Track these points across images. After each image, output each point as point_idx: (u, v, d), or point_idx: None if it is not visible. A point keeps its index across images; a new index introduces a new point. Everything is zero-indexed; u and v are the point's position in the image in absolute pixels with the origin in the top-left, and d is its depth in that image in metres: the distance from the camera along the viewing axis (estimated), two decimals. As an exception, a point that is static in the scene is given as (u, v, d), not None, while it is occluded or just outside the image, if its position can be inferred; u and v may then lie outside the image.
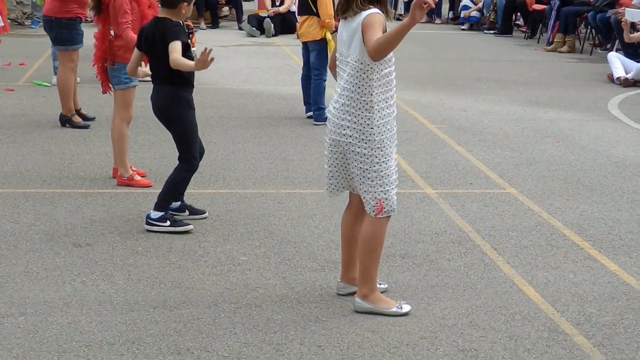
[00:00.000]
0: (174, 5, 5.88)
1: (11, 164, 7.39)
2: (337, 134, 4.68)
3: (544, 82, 12.55)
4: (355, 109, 4.60)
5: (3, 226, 5.92)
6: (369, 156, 4.61)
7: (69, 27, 8.61)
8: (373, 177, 4.64)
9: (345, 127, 4.63)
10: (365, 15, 4.51)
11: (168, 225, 5.92)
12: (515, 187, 7.25)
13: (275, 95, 10.80)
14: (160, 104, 5.94)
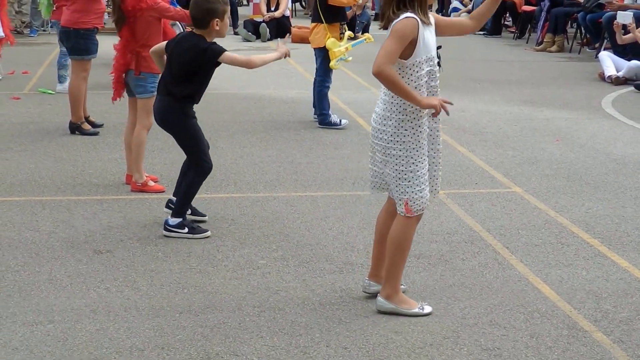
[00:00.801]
0: (204, 24, 5.87)
1: (25, 172, 7.49)
2: (375, 137, 4.82)
3: (537, 81, 12.71)
4: (390, 112, 4.72)
5: (23, 234, 6.01)
6: (399, 157, 4.73)
7: (85, 38, 8.71)
8: (410, 177, 4.75)
9: (382, 130, 4.76)
10: (395, 22, 4.60)
11: (186, 231, 6.02)
12: (520, 186, 7.39)
13: (277, 99, 10.91)
14: (161, 114, 6.08)
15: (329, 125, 9.31)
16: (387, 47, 4.57)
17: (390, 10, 4.65)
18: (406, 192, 4.78)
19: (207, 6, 5.83)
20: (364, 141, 8.83)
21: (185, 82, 5.93)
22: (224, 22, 5.91)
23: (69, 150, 8.25)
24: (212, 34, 5.90)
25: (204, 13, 5.83)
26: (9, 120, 9.44)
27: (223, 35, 6.01)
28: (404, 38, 4.58)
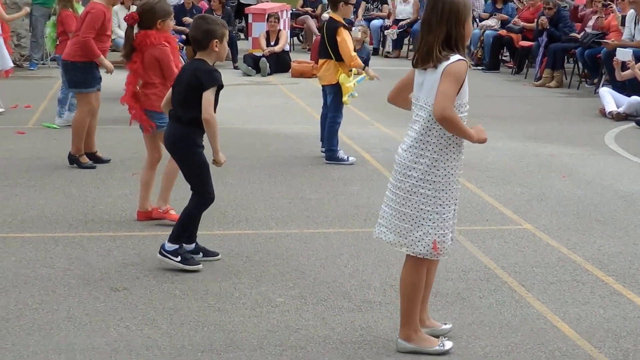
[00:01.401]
0: (203, 45, 5.99)
1: (35, 208, 7.48)
2: (403, 175, 4.78)
3: (539, 117, 12.78)
4: (425, 151, 4.71)
5: (38, 271, 6.00)
6: (432, 197, 4.74)
7: (83, 71, 8.75)
8: (434, 218, 4.76)
9: (412, 168, 4.73)
10: (447, 65, 4.61)
11: (179, 260, 6.05)
12: (530, 223, 7.41)
13: (281, 134, 10.94)
14: (170, 140, 6.14)
15: (337, 160, 9.33)
16: (446, 91, 4.58)
17: (437, 50, 4.64)
18: (430, 233, 4.77)
19: (206, 27, 5.98)
20: (372, 177, 8.87)
21: (190, 105, 5.99)
22: (223, 44, 6.04)
23: (78, 185, 8.24)
24: (212, 55, 6.03)
25: (203, 34, 5.97)
26: (16, 155, 9.44)
27: (222, 58, 6.21)
28: (459, 81, 4.62)
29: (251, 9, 18.84)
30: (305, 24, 20.92)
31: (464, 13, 4.69)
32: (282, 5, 19.21)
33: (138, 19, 6.85)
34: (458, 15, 4.67)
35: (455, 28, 4.65)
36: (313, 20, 20.84)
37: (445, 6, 4.65)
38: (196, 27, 6.02)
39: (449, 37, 4.64)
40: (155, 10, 6.89)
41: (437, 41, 4.63)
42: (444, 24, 4.64)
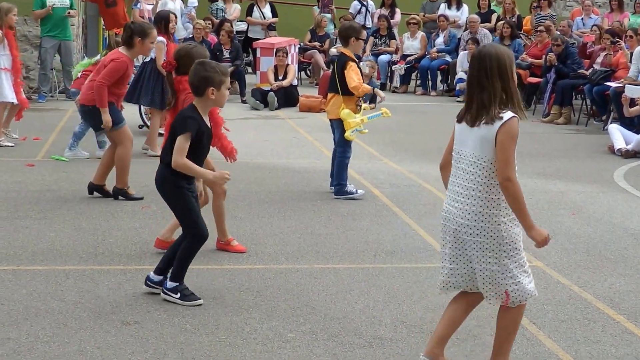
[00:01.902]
0: (199, 92, 5.99)
1: (46, 241, 7.49)
2: (464, 233, 4.78)
3: (547, 153, 12.78)
4: (483, 207, 4.71)
5: (49, 304, 6.00)
6: (497, 251, 4.74)
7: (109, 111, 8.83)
8: (503, 270, 4.78)
9: (472, 226, 4.73)
10: (503, 123, 4.63)
11: (178, 297, 6.07)
12: (541, 260, 7.40)
13: (290, 168, 10.96)
14: (157, 181, 6.20)
15: (345, 194, 9.34)
16: (509, 159, 4.63)
17: (494, 108, 4.65)
18: (507, 284, 4.79)
19: (203, 74, 5.97)
20: (382, 213, 8.87)
21: (172, 148, 6.00)
22: (221, 92, 6.00)
23: (88, 218, 8.25)
24: (208, 102, 6.02)
25: (200, 80, 5.96)
26: (25, 187, 9.46)
27: (221, 105, 6.18)
28: (515, 139, 4.68)
29: (259, 43, 18.91)
30: (313, 58, 21.00)
31: (511, 67, 4.74)
32: (290, 40, 19.29)
33: (175, 64, 6.85)
34: (507, 70, 4.72)
35: (509, 83, 4.69)
36: (321, 55, 20.92)
37: (494, 63, 4.69)
38: (194, 73, 6.00)
39: (505, 92, 4.67)
40: (192, 54, 6.84)
41: (494, 99, 4.65)
42: (497, 80, 4.67)
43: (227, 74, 6.09)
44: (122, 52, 8.90)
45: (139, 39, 8.81)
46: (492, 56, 4.69)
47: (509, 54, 4.77)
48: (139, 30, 8.86)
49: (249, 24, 20.95)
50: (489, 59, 4.68)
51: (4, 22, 11.91)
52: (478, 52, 4.78)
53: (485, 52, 4.74)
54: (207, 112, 6.11)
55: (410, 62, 20.11)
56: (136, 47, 8.87)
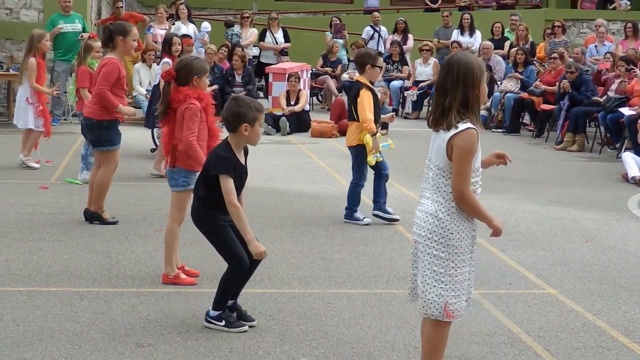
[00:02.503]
0: (233, 128, 5.95)
1: (60, 263, 7.51)
2: (419, 236, 4.85)
3: (560, 181, 12.77)
4: (438, 212, 4.76)
5: (64, 325, 6.01)
6: (445, 259, 4.75)
7: (109, 129, 8.81)
8: (447, 280, 4.77)
9: (426, 229, 4.78)
10: (454, 134, 4.66)
11: (223, 324, 6.03)
12: (554, 288, 7.38)
13: (302, 193, 10.97)
14: (195, 216, 6.18)
15: (352, 220, 9.35)
16: (461, 171, 4.65)
17: (453, 113, 4.69)
18: (442, 295, 4.79)
19: (237, 110, 5.91)
20: (394, 238, 8.87)
21: (207, 186, 6.02)
22: (255, 129, 5.93)
23: (101, 241, 8.27)
24: (242, 139, 5.96)
25: (233, 116, 5.90)
26: (39, 210, 9.50)
27: (254, 143, 6.06)
28: (471, 154, 4.68)
29: (272, 69, 18.98)
30: (324, 84, 21.06)
31: (479, 75, 4.75)
32: (303, 65, 19.36)
33: (175, 75, 6.88)
34: (473, 78, 4.73)
35: (471, 90, 4.71)
36: (333, 81, 20.99)
37: (461, 69, 4.71)
38: (227, 109, 5.95)
39: (465, 99, 4.70)
40: (192, 66, 6.90)
41: (453, 104, 4.69)
42: (460, 86, 4.70)
43: (261, 110, 6.00)
44: (108, 56, 8.78)
45: (121, 37, 8.63)
46: (460, 63, 4.72)
47: (479, 63, 4.79)
48: (119, 29, 8.71)
49: (261, 49, 21.05)
50: (457, 65, 4.71)
51: (38, 49, 11.92)
52: (449, 59, 4.83)
53: (455, 59, 4.77)
54: (241, 148, 6.04)
55: (423, 88, 20.16)
56: (119, 46, 8.68)
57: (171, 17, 19.41)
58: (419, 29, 23.31)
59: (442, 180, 4.77)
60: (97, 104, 8.82)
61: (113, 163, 8.89)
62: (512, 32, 21.04)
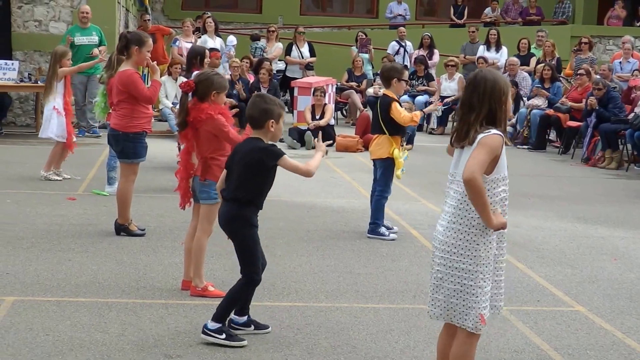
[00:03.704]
0: (259, 124, 6.00)
1: (88, 274, 7.54)
2: (443, 251, 4.83)
3: (588, 197, 12.71)
4: (463, 226, 4.77)
5: (93, 335, 6.03)
6: (473, 272, 4.75)
7: (135, 141, 8.85)
8: (477, 292, 4.77)
9: (451, 244, 4.79)
10: (482, 136, 4.70)
11: (223, 337, 5.99)
12: (583, 305, 7.34)
13: (328, 208, 10.98)
14: (226, 219, 6.12)
15: (378, 235, 9.32)
16: (478, 157, 4.64)
17: (475, 128, 4.72)
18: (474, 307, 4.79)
19: (264, 106, 5.99)
20: (420, 253, 8.85)
21: (246, 186, 6.01)
22: (279, 125, 6.03)
23: (129, 253, 8.30)
24: (268, 135, 6.01)
25: (260, 113, 5.97)
26: (67, 221, 9.54)
27: (276, 138, 6.13)
28: (492, 152, 4.69)
29: (297, 83, 19.01)
30: (349, 98, 21.10)
31: (505, 91, 4.79)
32: (328, 79, 19.38)
33: (194, 87, 6.92)
34: (500, 94, 4.76)
35: (497, 106, 4.74)
36: (358, 95, 21.02)
37: (487, 85, 4.74)
38: (254, 106, 6.01)
39: (491, 115, 4.73)
40: (213, 81, 6.92)
41: (477, 119, 4.72)
42: (486, 102, 4.73)
43: (284, 107, 6.13)
44: (125, 68, 8.77)
45: (136, 47, 8.65)
46: (487, 79, 4.76)
47: (505, 80, 4.84)
48: (135, 38, 8.75)
49: (287, 63, 21.11)
50: (483, 81, 4.75)
51: (61, 66, 11.97)
52: (474, 75, 4.84)
53: (481, 76, 4.80)
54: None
55: (448, 103, 20.15)
56: (133, 56, 8.69)
57: (197, 31, 19.49)
58: (445, 44, 23.32)
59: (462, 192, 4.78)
60: (124, 116, 8.83)
61: (133, 174, 8.91)
62: (539, 48, 21.01)
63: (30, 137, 16.62)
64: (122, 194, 8.92)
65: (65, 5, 17.82)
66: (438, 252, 4.89)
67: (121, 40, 8.85)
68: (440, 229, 4.89)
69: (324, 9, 30.05)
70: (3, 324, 6.18)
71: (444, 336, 5.13)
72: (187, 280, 7.21)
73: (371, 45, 22.22)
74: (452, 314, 4.89)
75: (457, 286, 4.81)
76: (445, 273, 4.84)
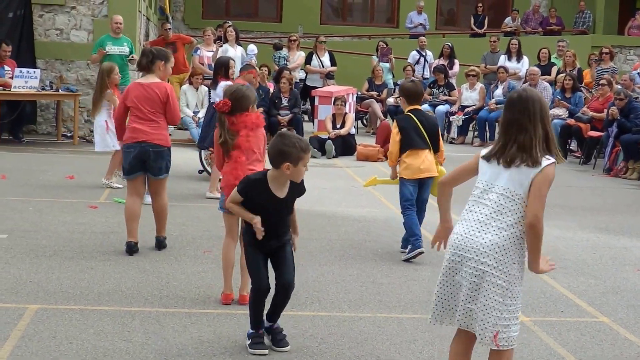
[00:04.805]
0: (275, 164, 5.89)
1: (111, 282, 7.55)
2: (477, 262, 4.74)
3: (609, 208, 12.65)
4: (511, 244, 4.71)
5: (116, 344, 6.03)
6: (510, 290, 4.71)
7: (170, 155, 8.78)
8: (514, 310, 4.74)
9: (493, 257, 4.70)
10: (546, 167, 4.65)
11: (248, 343, 6.05)
12: (607, 316, 7.30)
13: (349, 217, 10.96)
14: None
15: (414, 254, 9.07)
16: (542, 198, 4.64)
17: (537, 150, 4.66)
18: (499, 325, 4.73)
19: (281, 148, 5.83)
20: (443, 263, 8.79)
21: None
22: (298, 168, 5.84)
23: (152, 261, 8.31)
24: (283, 176, 5.90)
25: (276, 154, 5.84)
26: (90, 229, 9.57)
27: (297, 180, 5.99)
28: (551, 183, 4.70)
29: (318, 92, 19.05)
30: (370, 107, 21.10)
31: (548, 112, 4.80)
32: (349, 89, 19.41)
33: (231, 105, 6.88)
34: (548, 114, 4.77)
35: (548, 126, 4.73)
36: (378, 105, 21.02)
37: (537, 106, 4.71)
38: (272, 145, 5.89)
39: (546, 135, 4.70)
40: (248, 96, 6.91)
41: (536, 141, 4.66)
42: (539, 124, 4.69)
43: (306, 150, 5.87)
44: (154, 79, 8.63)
45: (162, 62, 8.59)
46: (535, 100, 4.72)
47: (545, 100, 4.83)
48: (162, 54, 8.69)
49: (307, 72, 21.13)
50: (532, 102, 4.71)
51: (110, 82, 11.99)
52: (518, 94, 4.79)
53: (527, 96, 4.76)
54: (282, 183, 5.96)
55: (468, 113, 20.13)
56: (159, 71, 8.62)
57: (218, 40, 19.55)
58: (465, 54, 23.32)
59: (514, 207, 4.71)
60: (163, 130, 8.65)
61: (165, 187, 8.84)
62: (559, 58, 20.95)
63: (51, 145, 16.70)
64: (167, 208, 8.78)
65: (87, 13, 17.90)
66: (471, 262, 4.76)
67: (147, 55, 8.75)
68: (480, 247, 4.72)
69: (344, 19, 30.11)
70: (27, 332, 6.19)
71: (462, 347, 5.04)
72: (227, 293, 7.16)
73: (392, 54, 22.23)
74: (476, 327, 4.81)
75: (496, 304, 4.71)
76: (486, 289, 4.73)
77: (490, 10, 29.13)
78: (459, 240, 4.84)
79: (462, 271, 4.82)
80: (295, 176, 5.92)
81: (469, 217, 4.85)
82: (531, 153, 4.66)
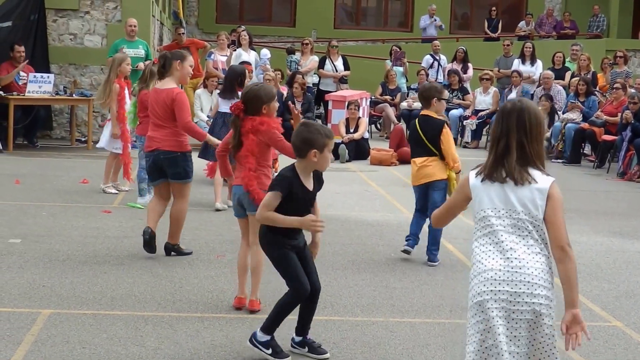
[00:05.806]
0: (301, 153, 5.87)
1: (124, 287, 7.57)
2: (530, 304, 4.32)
3: (623, 212, 12.61)
4: (544, 273, 4.35)
5: (130, 349, 6.05)
6: (554, 327, 4.45)
7: (190, 159, 8.70)
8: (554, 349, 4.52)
9: (547, 288, 4.35)
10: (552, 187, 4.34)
11: (270, 353, 5.95)
12: (620, 320, 7.27)
13: (362, 221, 10.96)
14: (261, 239, 6.14)
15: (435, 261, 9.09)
16: (562, 220, 4.27)
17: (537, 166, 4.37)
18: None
19: (306, 135, 5.81)
20: (456, 267, 8.81)
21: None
22: (324, 155, 5.83)
23: (165, 266, 8.33)
24: (310, 164, 5.87)
25: (303, 142, 5.82)
26: (103, 233, 9.60)
27: (322, 168, 5.96)
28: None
29: (331, 96, 19.05)
30: (383, 112, 21.09)
31: (544, 126, 4.48)
32: (362, 93, 19.41)
33: (243, 107, 6.85)
34: (544, 127, 4.54)
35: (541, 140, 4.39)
36: (392, 109, 21.01)
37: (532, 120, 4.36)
38: (296, 134, 5.87)
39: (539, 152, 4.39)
40: (261, 96, 6.83)
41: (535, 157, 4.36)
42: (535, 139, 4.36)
43: (330, 136, 5.88)
44: (169, 86, 8.56)
45: (179, 61, 8.52)
46: (530, 112, 4.35)
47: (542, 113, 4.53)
48: (177, 54, 8.67)
49: (321, 76, 21.14)
50: (527, 114, 4.34)
51: (118, 72, 11.92)
52: (512, 105, 4.40)
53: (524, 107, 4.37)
54: (309, 173, 5.94)
55: (482, 117, 20.09)
56: (176, 71, 8.54)
57: (232, 44, 19.58)
58: (479, 58, 23.31)
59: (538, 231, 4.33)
60: (178, 135, 8.58)
61: (188, 195, 8.77)
62: (574, 62, 20.90)
63: (65, 149, 16.77)
64: (180, 215, 8.71)
65: (100, 18, 17.97)
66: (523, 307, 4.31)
67: (160, 60, 8.71)
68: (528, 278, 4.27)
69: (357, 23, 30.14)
70: (40, 337, 6.22)
71: None
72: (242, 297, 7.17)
73: (405, 58, 22.22)
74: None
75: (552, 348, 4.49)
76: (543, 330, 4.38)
77: (504, 14, 29.10)
78: (499, 276, 4.33)
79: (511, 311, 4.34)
80: (321, 163, 5.88)
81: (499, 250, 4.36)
82: (527, 170, 4.34)
